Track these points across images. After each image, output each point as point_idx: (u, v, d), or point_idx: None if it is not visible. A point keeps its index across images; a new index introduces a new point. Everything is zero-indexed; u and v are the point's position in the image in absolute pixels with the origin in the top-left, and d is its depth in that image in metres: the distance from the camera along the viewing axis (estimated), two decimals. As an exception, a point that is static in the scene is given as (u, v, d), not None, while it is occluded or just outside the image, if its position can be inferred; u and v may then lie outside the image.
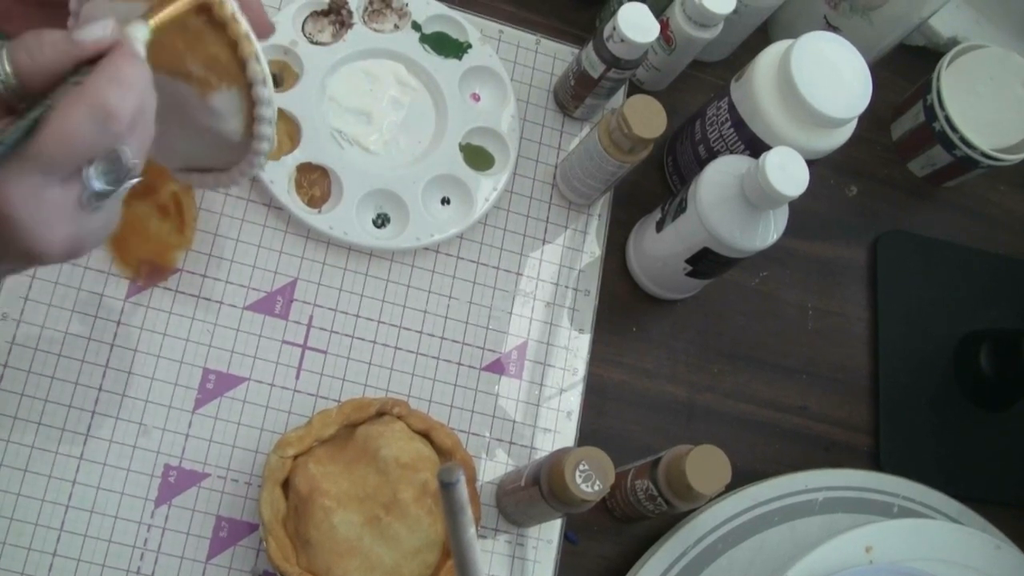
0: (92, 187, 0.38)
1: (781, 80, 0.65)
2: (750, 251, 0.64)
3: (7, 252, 0.39)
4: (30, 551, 0.59)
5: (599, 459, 0.56)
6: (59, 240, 0.38)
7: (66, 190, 0.38)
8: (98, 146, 0.37)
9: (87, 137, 0.37)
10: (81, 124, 0.36)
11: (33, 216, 0.37)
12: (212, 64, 0.45)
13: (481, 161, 0.73)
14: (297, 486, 0.59)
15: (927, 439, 0.77)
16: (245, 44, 0.45)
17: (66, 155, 0.36)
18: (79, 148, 0.37)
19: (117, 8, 0.44)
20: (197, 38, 0.45)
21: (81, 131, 0.36)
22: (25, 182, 0.36)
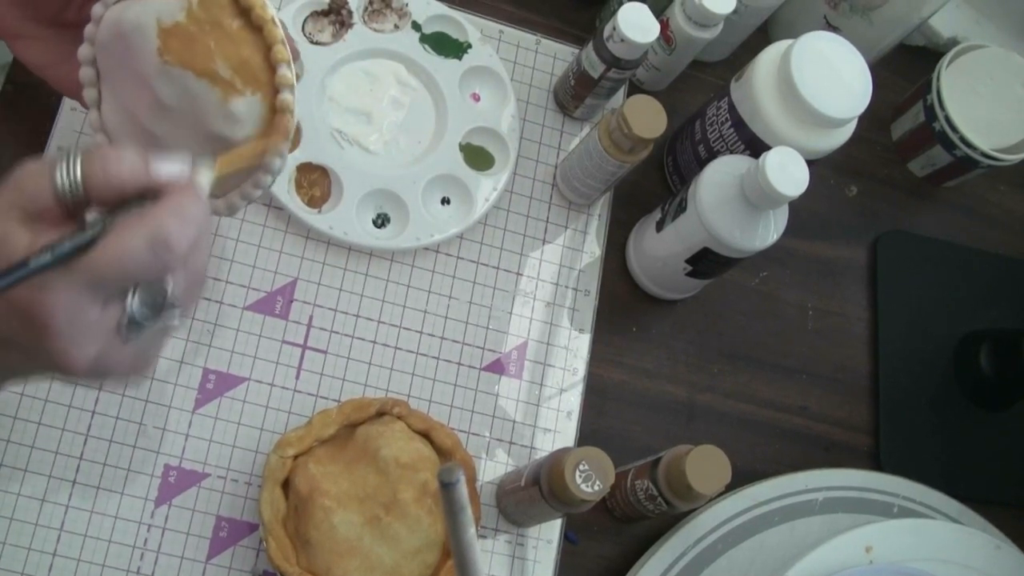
0: (130, 312, 0.39)
1: (781, 80, 0.65)
2: (750, 251, 0.64)
3: (32, 358, 0.39)
4: (30, 551, 0.59)
5: (599, 459, 0.56)
6: (85, 360, 0.38)
7: (105, 313, 0.38)
8: (148, 272, 0.38)
9: (139, 260, 0.37)
10: (137, 247, 0.37)
11: (68, 329, 0.37)
12: (241, 67, 0.45)
13: (481, 161, 0.73)
14: (297, 486, 0.59)
15: (927, 439, 0.77)
16: (280, 49, 0.45)
17: (115, 273, 0.37)
18: (129, 269, 0.37)
19: (150, 5, 0.44)
20: (230, 39, 0.45)
21: (135, 253, 0.37)
22: (68, 294, 0.36)
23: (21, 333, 0.37)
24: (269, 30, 0.45)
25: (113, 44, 0.45)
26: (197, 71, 0.44)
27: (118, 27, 0.45)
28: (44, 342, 0.37)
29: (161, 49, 0.44)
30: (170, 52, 0.44)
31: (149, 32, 0.44)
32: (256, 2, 0.45)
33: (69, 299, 0.36)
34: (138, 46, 0.44)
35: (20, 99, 0.66)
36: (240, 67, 0.44)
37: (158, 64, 0.44)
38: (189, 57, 0.44)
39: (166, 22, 0.44)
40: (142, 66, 0.44)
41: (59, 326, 0.37)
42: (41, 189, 0.37)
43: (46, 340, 0.37)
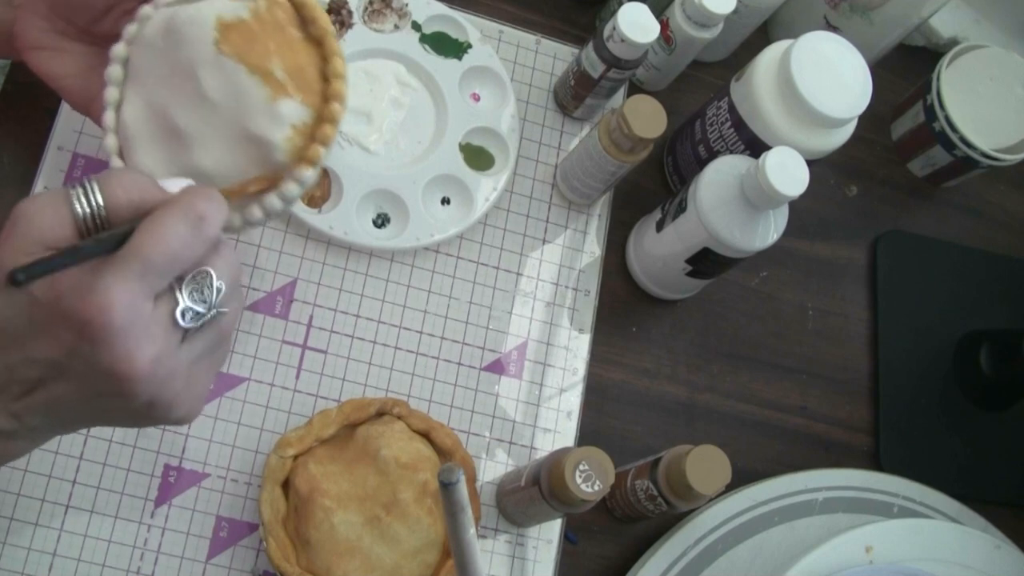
0: (182, 302, 0.38)
1: (781, 80, 0.65)
2: (750, 251, 0.64)
3: (86, 382, 0.37)
4: (30, 551, 0.59)
5: (599, 459, 0.56)
6: (146, 361, 0.36)
7: (157, 308, 0.37)
8: (191, 250, 0.37)
9: (181, 236, 0.37)
10: (175, 223, 0.37)
11: (126, 326, 0.35)
12: (296, 72, 0.45)
13: (481, 161, 0.73)
14: (297, 486, 0.59)
15: (927, 439, 0.77)
16: (339, 62, 0.46)
17: (161, 253, 0.36)
18: (173, 247, 0.37)
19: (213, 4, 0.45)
20: (289, 45, 0.46)
21: (176, 229, 0.37)
22: (121, 288, 0.35)
23: (75, 346, 0.36)
24: (330, 43, 0.46)
25: (159, 38, 0.46)
26: (251, 66, 0.44)
27: (170, 22, 0.46)
28: (101, 349, 0.36)
29: (219, 40, 0.44)
30: (228, 44, 0.44)
31: (207, 25, 0.45)
32: (320, 16, 0.46)
33: (122, 293, 0.35)
34: (192, 36, 0.45)
35: (20, 99, 0.66)
36: (294, 72, 0.45)
37: (212, 54, 0.44)
38: (246, 52, 0.44)
39: (227, 17, 0.45)
40: (192, 55, 0.45)
41: (117, 324, 0.35)
42: (59, 219, 0.37)
43: (104, 345, 0.35)
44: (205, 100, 0.45)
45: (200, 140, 0.46)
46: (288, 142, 0.45)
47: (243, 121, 0.45)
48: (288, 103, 0.45)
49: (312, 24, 0.47)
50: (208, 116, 0.45)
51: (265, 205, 0.46)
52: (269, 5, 0.46)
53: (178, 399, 0.39)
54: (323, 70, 0.46)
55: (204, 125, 0.46)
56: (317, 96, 0.46)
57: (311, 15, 0.46)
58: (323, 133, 0.45)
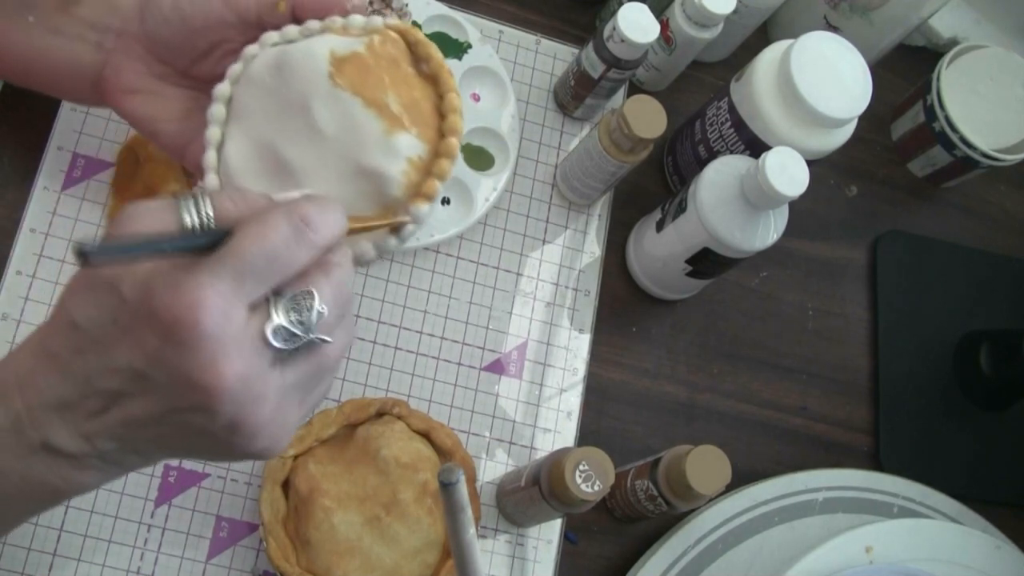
0: (275, 317, 0.35)
1: (781, 80, 0.65)
2: (750, 251, 0.64)
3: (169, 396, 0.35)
4: (30, 551, 0.59)
5: (599, 459, 0.56)
6: (233, 374, 0.34)
7: (251, 321, 0.35)
8: (293, 254, 0.35)
9: (283, 237, 0.35)
10: (277, 223, 0.35)
11: (216, 331, 0.33)
12: (411, 106, 0.45)
13: (481, 161, 0.73)
14: (297, 486, 0.59)
15: (927, 439, 0.77)
16: (455, 97, 0.46)
17: (259, 255, 0.34)
18: (273, 247, 0.35)
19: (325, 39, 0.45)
20: (404, 79, 0.46)
21: (276, 231, 0.35)
22: (215, 288, 0.33)
23: (159, 351, 0.34)
24: (445, 78, 0.46)
25: (267, 75, 0.46)
26: (367, 99, 0.44)
27: (281, 58, 0.46)
28: (187, 354, 0.33)
29: (333, 73, 0.44)
30: (343, 76, 0.44)
31: (320, 59, 0.45)
32: (435, 53, 0.47)
33: (215, 294, 0.33)
34: (305, 70, 0.45)
35: (20, 99, 0.66)
36: (410, 106, 0.45)
37: (327, 87, 0.44)
38: (361, 85, 0.44)
39: (341, 51, 0.45)
40: (305, 88, 0.45)
41: (206, 325, 0.33)
42: (165, 225, 0.35)
43: (190, 349, 0.33)
44: (318, 133, 0.45)
45: (311, 175, 0.45)
46: (404, 176, 0.45)
47: (358, 154, 0.45)
48: (404, 137, 0.45)
49: (427, 61, 0.47)
50: (320, 150, 0.45)
51: (378, 242, 0.46)
52: (383, 40, 0.46)
53: (264, 428, 0.36)
54: (437, 105, 0.47)
55: (316, 159, 0.45)
56: (433, 131, 0.46)
57: (426, 52, 0.47)
58: (440, 168, 0.45)
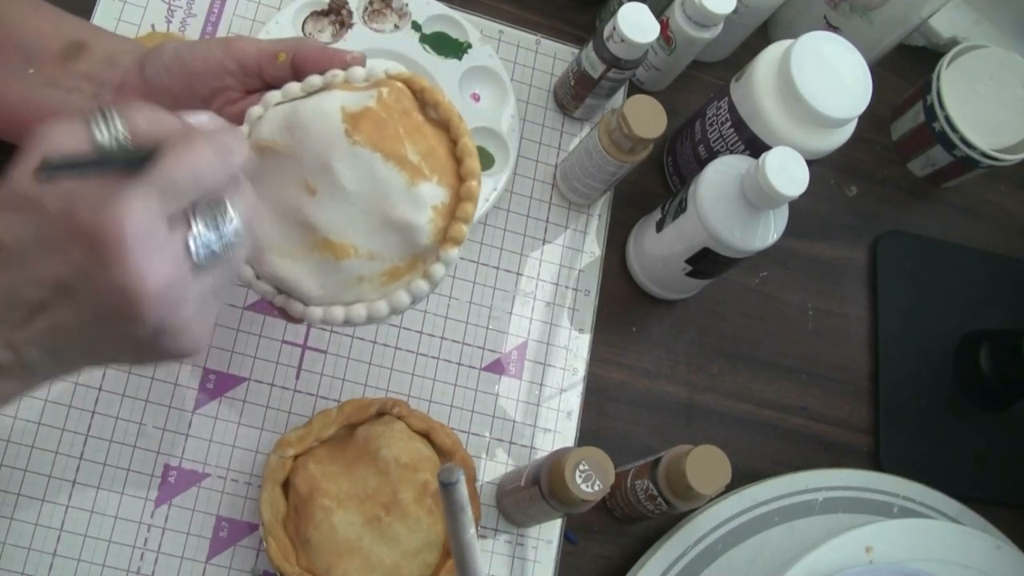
0: (195, 227, 0.38)
1: (781, 80, 0.65)
2: (750, 251, 0.64)
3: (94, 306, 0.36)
4: (30, 551, 0.59)
5: (599, 459, 0.56)
6: (158, 283, 0.35)
7: (172, 234, 0.37)
8: (214, 175, 0.38)
9: (206, 162, 0.37)
10: (202, 150, 0.37)
11: (141, 243, 0.34)
12: (429, 154, 0.46)
13: (481, 161, 0.72)
14: (297, 486, 0.59)
15: (927, 439, 0.77)
16: (469, 142, 0.47)
17: (185, 175, 0.36)
18: (198, 170, 0.37)
19: (332, 97, 0.47)
20: (418, 129, 0.46)
21: (201, 155, 0.37)
22: (139, 204, 0.35)
23: (85, 263, 0.35)
24: (457, 123, 0.47)
25: (278, 136, 0.46)
26: (386, 153, 0.45)
27: (291, 119, 0.46)
28: (113, 264, 0.34)
29: (350, 131, 0.45)
30: (359, 133, 0.45)
31: (333, 117, 0.45)
32: (442, 98, 0.47)
33: (139, 208, 0.34)
34: (320, 129, 0.45)
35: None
36: (427, 154, 0.46)
37: (345, 144, 0.45)
38: (379, 139, 0.45)
39: (352, 108, 0.45)
40: (322, 148, 0.45)
41: (132, 240, 0.34)
42: (78, 142, 0.36)
43: (116, 260, 0.34)
44: (341, 191, 0.45)
45: (339, 232, 0.46)
46: (431, 224, 0.46)
47: (384, 209, 0.45)
48: (427, 186, 0.46)
49: (436, 107, 0.48)
50: (345, 207, 0.46)
51: (412, 290, 0.47)
52: (391, 91, 0.46)
53: (187, 329, 0.38)
54: (451, 149, 0.48)
55: (341, 217, 0.46)
56: (451, 175, 0.47)
57: (433, 98, 0.48)
58: (464, 211, 0.46)
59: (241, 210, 0.39)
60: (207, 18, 0.71)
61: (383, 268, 0.47)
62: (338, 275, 0.47)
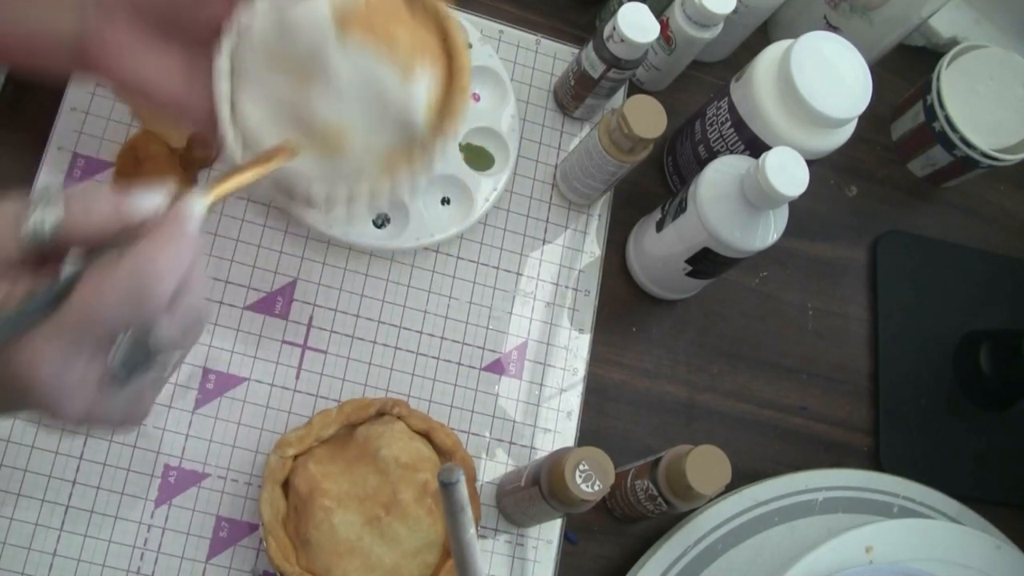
0: (112, 368, 0.37)
1: (781, 80, 0.65)
2: (750, 251, 0.64)
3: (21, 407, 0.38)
4: (30, 551, 0.59)
5: (599, 459, 0.56)
6: (75, 415, 0.37)
7: (90, 365, 0.37)
8: (128, 323, 0.36)
9: (116, 313, 0.35)
10: (111, 300, 0.35)
11: (53, 389, 0.36)
12: (419, 50, 0.48)
13: (481, 161, 0.73)
14: (297, 486, 0.59)
15: (927, 439, 0.77)
16: (459, 36, 0.49)
17: (91, 327, 0.35)
18: (106, 322, 0.35)
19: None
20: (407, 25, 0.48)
21: (110, 307, 0.35)
22: (50, 350, 0.35)
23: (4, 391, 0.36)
24: (445, 18, 0.49)
25: (271, 40, 0.47)
26: (379, 51, 0.46)
27: (282, 22, 0.47)
28: (30, 400, 0.36)
29: (341, 31, 0.46)
30: (351, 33, 0.46)
31: (323, 19, 0.46)
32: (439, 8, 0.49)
33: (51, 355, 0.35)
34: (311, 31, 0.46)
35: (20, 99, 0.66)
36: (418, 50, 0.48)
37: (337, 45, 0.46)
38: (370, 38, 0.46)
39: (342, 8, 0.46)
40: (315, 49, 0.46)
41: (43, 387, 0.35)
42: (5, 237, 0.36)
43: (32, 399, 0.36)
44: (336, 90, 0.47)
45: (336, 127, 0.48)
46: (425, 115, 0.48)
47: (380, 105, 0.47)
48: (420, 80, 0.47)
49: (424, 3, 0.49)
50: (342, 104, 0.47)
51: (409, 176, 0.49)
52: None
53: (119, 427, 0.40)
54: (442, 45, 0.49)
55: (339, 113, 0.47)
56: (442, 68, 0.49)
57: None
58: (454, 104, 0.48)
59: (172, 327, 0.38)
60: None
61: (380, 159, 0.49)
62: (337, 167, 0.48)
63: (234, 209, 0.68)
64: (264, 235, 0.68)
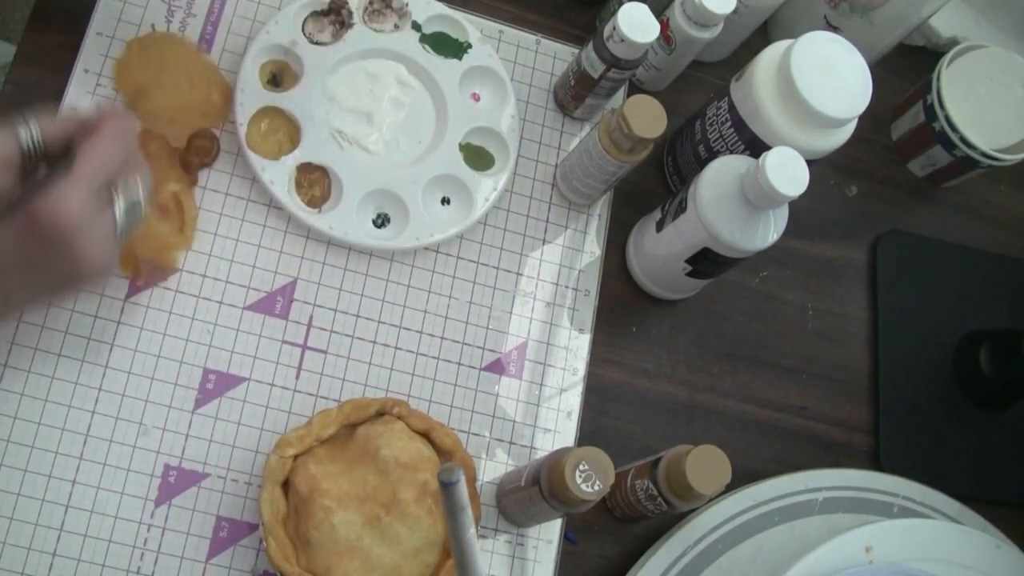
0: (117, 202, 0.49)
1: (781, 80, 0.65)
2: (750, 251, 0.64)
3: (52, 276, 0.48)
4: (30, 551, 0.59)
5: (599, 459, 0.56)
6: (98, 253, 0.47)
7: (102, 212, 0.48)
8: (121, 159, 0.49)
9: (113, 150, 0.48)
10: (105, 142, 0.48)
11: (83, 229, 0.46)
12: None
13: (481, 161, 0.73)
14: (297, 486, 0.59)
15: (927, 439, 0.77)
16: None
17: (102, 164, 0.48)
18: (109, 159, 0.48)
19: None
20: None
21: (107, 146, 0.48)
22: (79, 199, 0.46)
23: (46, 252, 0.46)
24: None
25: None
26: None
27: None
28: (64, 248, 0.46)
29: None
30: None
31: None
32: None
33: (78, 201, 0.46)
34: None
35: (20, 99, 0.66)
36: None
37: None
38: None
39: None
40: None
41: (76, 228, 0.46)
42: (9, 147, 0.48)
43: (69, 247, 0.46)
44: None
45: None
46: None
47: None
48: None
49: None
50: None
51: None
52: None
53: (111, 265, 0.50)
54: None
55: None
56: None
57: None
58: None
59: (143, 174, 0.51)
60: (207, 18, 0.71)
61: None
62: None
63: (234, 209, 0.68)
64: (264, 235, 0.68)
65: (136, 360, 0.63)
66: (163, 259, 0.65)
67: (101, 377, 0.62)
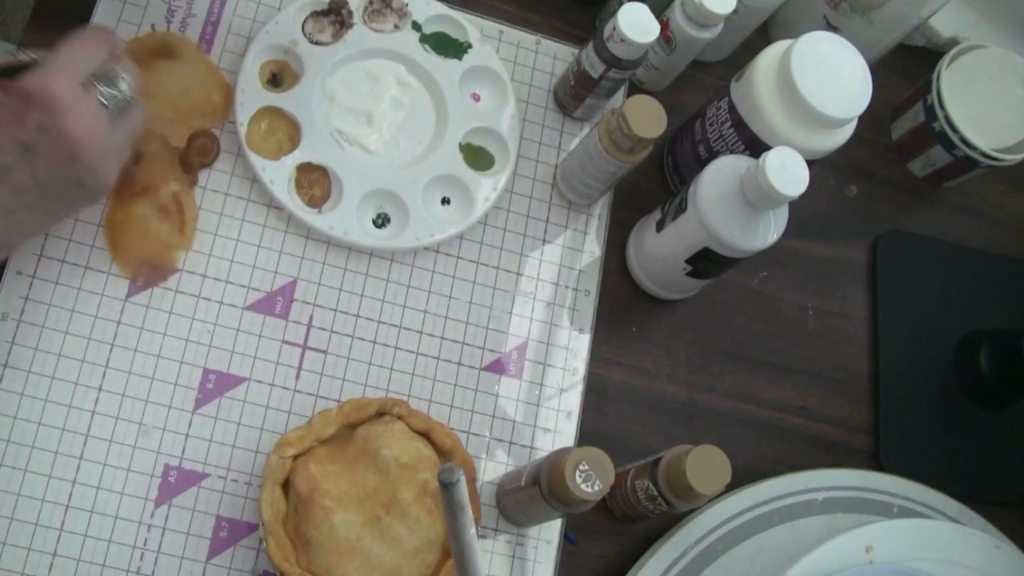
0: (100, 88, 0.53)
1: (781, 80, 0.65)
2: (750, 251, 0.64)
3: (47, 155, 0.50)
4: (30, 551, 0.59)
5: (599, 459, 0.56)
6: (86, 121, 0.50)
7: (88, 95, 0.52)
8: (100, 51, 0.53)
9: (90, 44, 0.52)
10: (85, 38, 0.53)
11: (73, 101, 0.50)
12: None
13: (481, 161, 0.73)
14: (297, 486, 0.59)
15: (927, 439, 0.77)
16: None
17: (79, 55, 0.52)
18: (86, 49, 0.52)
19: None
20: None
21: (88, 42, 0.53)
22: (64, 77, 0.50)
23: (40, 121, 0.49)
24: None
25: None
26: None
27: None
28: (59, 117, 0.49)
29: None
30: None
31: None
32: None
33: (64, 80, 0.50)
34: None
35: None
36: None
37: None
38: None
39: None
40: None
41: (68, 100, 0.49)
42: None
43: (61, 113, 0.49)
44: None
45: None
46: None
47: None
48: None
49: None
50: None
51: None
52: None
53: (109, 170, 0.54)
54: None
55: None
56: None
57: None
58: None
59: (130, 72, 0.55)
60: (207, 18, 0.71)
61: None
62: None
63: (234, 209, 0.68)
64: (264, 235, 0.68)
65: (136, 360, 0.63)
66: (163, 260, 0.65)
67: (101, 377, 0.62)
